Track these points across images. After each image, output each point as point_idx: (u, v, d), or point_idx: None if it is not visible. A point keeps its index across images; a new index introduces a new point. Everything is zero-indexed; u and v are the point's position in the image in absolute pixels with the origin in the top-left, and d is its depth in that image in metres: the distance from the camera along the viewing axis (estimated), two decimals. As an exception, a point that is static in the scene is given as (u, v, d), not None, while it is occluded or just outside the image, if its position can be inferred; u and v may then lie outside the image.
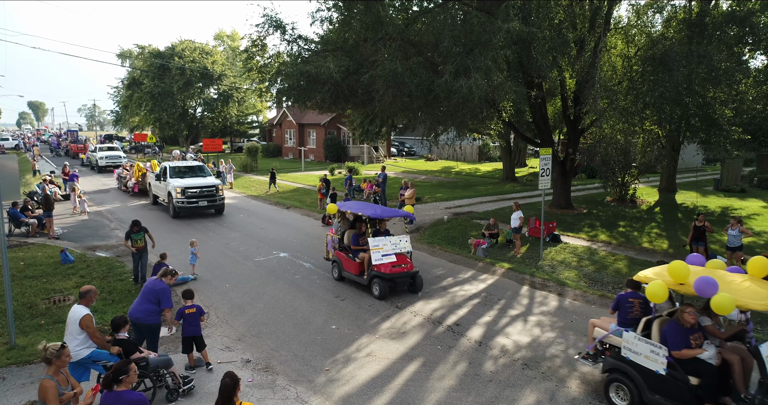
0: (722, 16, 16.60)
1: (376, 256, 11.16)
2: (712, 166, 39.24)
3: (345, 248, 12.58)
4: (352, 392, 7.43)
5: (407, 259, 11.58)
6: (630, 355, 6.87)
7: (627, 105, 16.60)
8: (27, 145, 59.96)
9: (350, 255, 12.15)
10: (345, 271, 12.20)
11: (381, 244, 11.35)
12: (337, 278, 12.49)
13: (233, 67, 53.46)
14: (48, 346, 5.57)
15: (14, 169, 9.44)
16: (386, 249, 11.34)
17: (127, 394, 5.12)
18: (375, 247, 11.25)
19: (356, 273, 11.83)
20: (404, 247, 11.65)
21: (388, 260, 11.19)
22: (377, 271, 11.14)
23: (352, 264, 11.94)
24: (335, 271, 12.56)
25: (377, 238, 11.49)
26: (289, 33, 16.86)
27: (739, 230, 12.33)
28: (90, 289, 7.15)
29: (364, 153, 42.95)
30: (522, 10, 14.71)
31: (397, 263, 11.26)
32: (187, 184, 20.11)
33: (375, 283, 11.25)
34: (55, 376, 5.51)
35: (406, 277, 11.30)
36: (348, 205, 12.88)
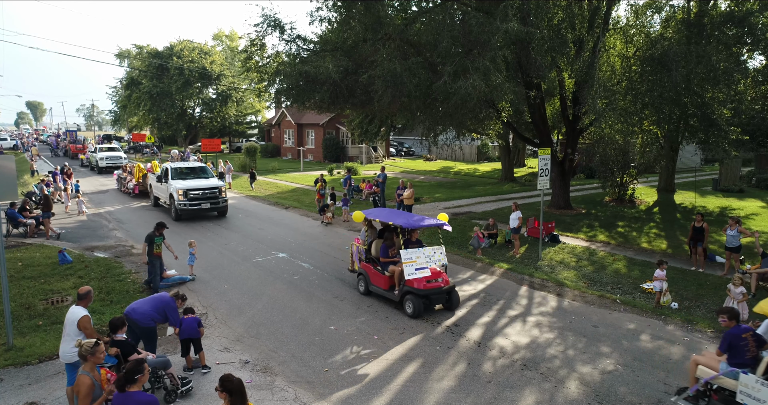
0: (721, 16, 16.61)
1: (409, 270, 10.16)
2: (711, 166, 39.28)
3: (372, 260, 11.51)
4: (351, 393, 7.41)
5: (443, 273, 10.53)
6: (748, 402, 6.11)
7: (626, 105, 16.61)
8: (25, 145, 59.85)
9: (378, 267, 11.17)
10: (373, 285, 11.19)
11: (414, 256, 10.33)
12: (363, 292, 11.47)
13: (232, 67, 53.44)
14: (83, 343, 5.79)
15: (11, 169, 9.41)
16: (420, 262, 10.34)
17: (138, 395, 5.13)
18: (408, 261, 10.24)
19: (385, 288, 10.82)
20: (439, 259, 10.65)
21: (422, 275, 10.19)
22: (410, 287, 10.12)
23: (381, 278, 10.95)
24: (361, 285, 11.53)
25: (410, 249, 10.45)
26: (288, 33, 16.84)
27: (737, 230, 12.33)
28: (89, 290, 7.17)
29: (362, 153, 42.93)
30: (520, 10, 14.72)
31: (432, 278, 10.23)
32: (189, 186, 19.68)
33: (408, 299, 10.18)
34: (91, 372, 5.69)
35: (442, 293, 10.25)
36: (375, 212, 11.86)
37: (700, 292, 11.52)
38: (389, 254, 11.20)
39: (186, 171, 21.36)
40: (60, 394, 7.33)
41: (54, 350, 8.55)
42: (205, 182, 20.32)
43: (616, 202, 22.60)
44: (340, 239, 16.93)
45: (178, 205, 19.42)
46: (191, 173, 21.32)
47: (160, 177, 21.18)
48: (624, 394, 7.33)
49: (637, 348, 8.83)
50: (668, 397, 7.25)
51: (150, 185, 23.81)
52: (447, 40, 13.53)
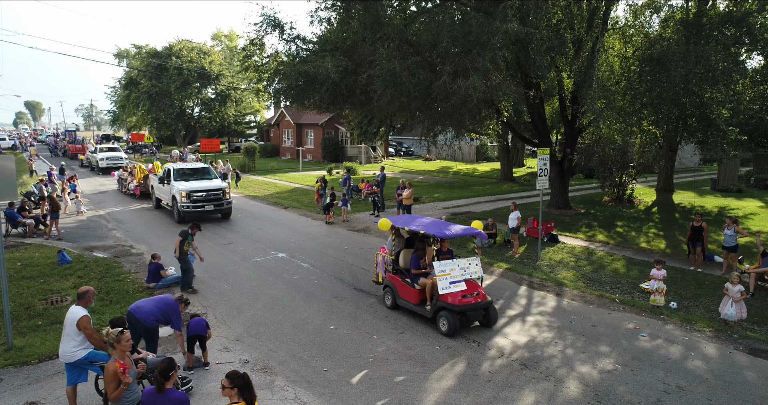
0: (719, 16, 16.63)
1: (443, 283, 9.32)
2: (710, 166, 39.35)
3: (401, 271, 10.70)
4: (350, 392, 7.42)
5: (479, 287, 9.75)
6: None
7: (624, 105, 16.63)
8: (24, 145, 59.76)
9: (407, 280, 10.32)
10: (401, 299, 10.38)
11: (448, 268, 9.51)
12: (390, 306, 10.65)
13: (231, 67, 53.44)
14: (109, 332, 5.93)
15: (11, 169, 9.41)
16: (454, 275, 9.51)
17: (174, 394, 5.20)
18: (441, 273, 9.39)
19: (415, 302, 10.03)
20: (474, 271, 9.86)
21: (458, 289, 9.37)
22: (444, 302, 9.32)
23: (411, 291, 10.14)
24: (388, 298, 10.73)
25: (443, 261, 9.65)
26: (288, 33, 16.85)
27: (734, 230, 12.37)
28: (88, 289, 7.12)
29: (362, 153, 42.95)
30: (520, 10, 14.73)
31: (468, 292, 9.41)
32: (192, 188, 19.21)
33: (442, 316, 9.36)
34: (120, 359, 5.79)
35: (479, 308, 9.45)
36: (403, 220, 11.06)
37: (698, 291, 11.54)
38: (420, 266, 10.26)
39: (189, 172, 20.95)
40: (60, 393, 7.33)
41: (54, 350, 8.55)
42: (208, 183, 19.93)
43: (615, 202, 22.64)
44: (339, 239, 16.94)
45: (181, 207, 19.01)
46: (194, 174, 20.92)
47: (163, 178, 20.77)
48: (623, 394, 7.35)
49: (636, 347, 8.85)
50: (667, 397, 7.28)
51: (152, 186, 23.42)
52: (446, 40, 13.55)
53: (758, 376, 7.87)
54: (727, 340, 9.15)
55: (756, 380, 7.73)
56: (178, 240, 11.63)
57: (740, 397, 7.25)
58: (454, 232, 9.78)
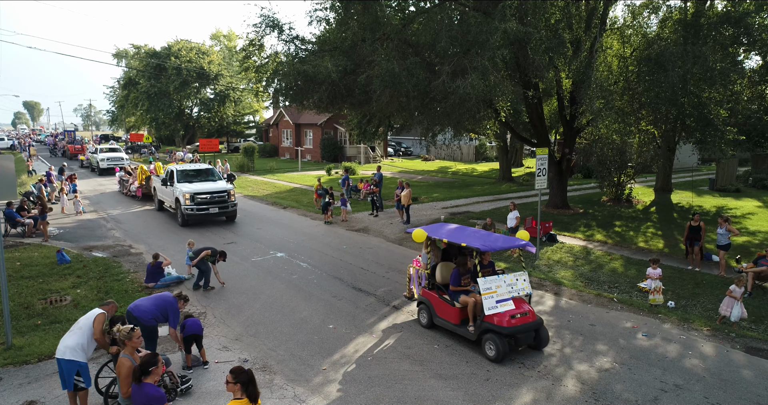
0: (717, 16, 16.69)
1: (489, 302, 8.39)
2: (708, 166, 39.43)
3: (438, 287, 9.69)
4: (349, 391, 7.45)
5: (527, 305, 8.84)
6: None
7: (623, 105, 16.69)
8: (22, 145, 59.67)
9: (446, 297, 9.37)
10: (438, 318, 9.44)
11: (494, 285, 8.54)
12: (426, 325, 9.73)
13: (230, 67, 53.45)
14: (120, 329, 6.14)
15: (11, 169, 9.43)
16: (501, 292, 8.54)
17: (148, 388, 5.34)
18: (487, 291, 8.45)
19: (456, 322, 9.09)
20: (522, 288, 8.87)
21: (505, 308, 8.45)
22: (491, 324, 8.38)
23: (450, 309, 9.19)
24: (423, 316, 9.81)
25: (489, 278, 8.65)
26: (287, 33, 16.89)
27: (726, 229, 12.42)
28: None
29: (361, 153, 42.98)
30: (518, 10, 14.77)
31: (517, 311, 8.49)
32: (196, 190, 18.51)
33: (489, 340, 8.40)
34: (131, 355, 6.00)
35: (530, 330, 8.49)
36: (440, 230, 9.92)
37: (696, 290, 11.58)
38: (461, 282, 9.27)
39: (192, 173, 20.31)
40: (59, 392, 7.36)
41: (53, 349, 8.55)
42: (212, 185, 19.23)
43: (613, 202, 22.68)
44: (338, 239, 16.96)
45: (185, 209, 18.31)
46: (198, 176, 20.26)
47: (165, 180, 20.26)
48: (620, 392, 7.38)
49: (634, 346, 8.89)
50: (664, 395, 7.31)
51: (154, 188, 22.88)
52: (445, 40, 13.58)
53: (755, 374, 7.91)
54: (725, 339, 9.19)
55: (753, 378, 7.77)
56: (207, 253, 11.72)
57: (737, 396, 7.28)
58: (500, 244, 8.84)
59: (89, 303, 10.68)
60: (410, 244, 16.26)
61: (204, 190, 18.63)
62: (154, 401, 5.32)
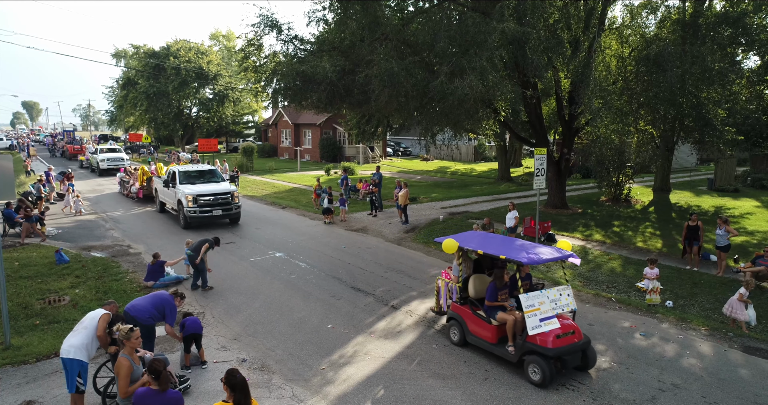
0: (716, 16, 16.73)
1: (533, 321, 7.60)
2: (706, 166, 39.46)
3: (471, 302, 8.97)
4: (347, 391, 7.46)
5: (572, 322, 8.08)
6: None
7: (621, 105, 16.70)
8: (21, 145, 59.60)
9: (480, 312, 8.64)
10: (472, 336, 8.70)
11: (537, 302, 7.77)
12: (458, 343, 8.95)
13: (229, 67, 53.42)
14: (119, 327, 6.19)
15: (9, 169, 9.43)
16: (544, 309, 7.75)
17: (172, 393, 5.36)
18: (530, 308, 7.65)
19: (493, 341, 8.35)
20: (567, 304, 8.09)
21: (550, 326, 7.65)
22: (534, 344, 7.61)
23: (486, 327, 8.45)
24: (454, 333, 9.04)
25: (532, 294, 7.84)
26: (285, 33, 16.87)
27: (725, 230, 12.44)
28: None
29: (359, 153, 42.98)
30: (517, 10, 14.77)
31: (563, 330, 7.73)
32: (199, 191, 18.06)
33: (533, 362, 7.61)
34: (130, 355, 6.04)
35: (577, 351, 7.72)
36: (474, 241, 9.09)
37: (694, 290, 11.60)
38: (498, 297, 8.47)
39: (195, 174, 19.85)
40: (58, 392, 7.36)
41: (52, 349, 8.58)
42: (216, 187, 18.77)
43: (611, 202, 22.70)
44: (337, 239, 16.97)
45: (188, 211, 17.82)
46: (200, 177, 19.79)
47: (167, 181, 19.78)
48: (618, 391, 7.39)
49: (632, 346, 8.90)
50: (662, 394, 7.32)
51: (155, 189, 22.43)
52: (444, 40, 13.59)
53: (752, 373, 7.93)
54: (722, 339, 9.20)
55: (750, 378, 7.79)
56: (206, 247, 11.77)
57: (735, 395, 7.30)
58: (545, 257, 8.02)
59: (88, 303, 10.68)
60: (409, 244, 16.28)
61: (207, 192, 18.21)
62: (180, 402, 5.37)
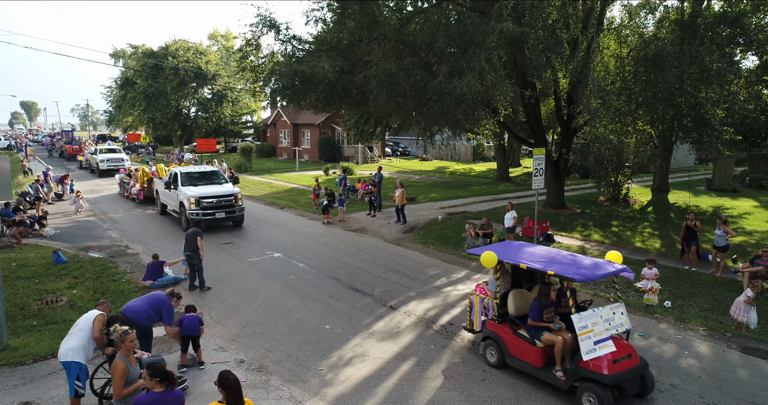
0: (714, 16, 16.73)
1: (587, 345, 6.82)
2: (705, 166, 39.49)
3: (512, 320, 8.12)
4: (345, 392, 7.44)
5: (628, 344, 7.34)
6: None
7: (620, 105, 16.69)
8: (19, 145, 59.49)
9: (521, 332, 7.87)
10: (513, 357, 7.88)
11: (590, 323, 6.98)
12: (495, 365, 8.17)
13: (227, 67, 53.38)
14: (116, 328, 6.13)
15: (5, 169, 9.41)
16: (598, 331, 6.97)
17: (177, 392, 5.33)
18: (583, 330, 6.88)
19: (537, 364, 7.53)
20: (621, 323, 7.30)
21: (605, 350, 6.88)
22: (588, 370, 6.87)
23: (530, 349, 7.62)
24: (491, 354, 8.24)
25: (585, 314, 7.03)
26: (283, 33, 16.86)
27: (724, 230, 12.44)
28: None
29: (358, 153, 42.96)
30: (515, 10, 14.77)
31: (620, 354, 7.01)
32: (201, 193, 17.61)
33: (587, 390, 6.87)
34: (126, 357, 5.99)
35: (636, 376, 7.00)
36: (515, 253, 8.33)
37: (693, 290, 11.60)
38: (543, 316, 7.64)
39: (197, 176, 19.37)
40: (55, 393, 7.34)
41: (49, 350, 8.55)
42: (218, 188, 18.31)
43: (610, 202, 22.70)
44: (335, 239, 16.95)
45: (190, 214, 17.30)
46: (203, 178, 19.30)
47: (169, 183, 19.33)
48: (617, 392, 7.37)
49: (630, 346, 8.88)
50: (660, 395, 7.31)
51: (156, 191, 22.04)
52: (442, 40, 13.57)
53: (751, 374, 7.93)
54: (721, 339, 9.20)
55: (748, 378, 7.78)
56: (200, 240, 11.83)
57: (733, 395, 7.30)
58: (599, 273, 7.21)
59: (85, 303, 10.65)
60: (408, 245, 16.27)
61: (210, 194, 17.78)
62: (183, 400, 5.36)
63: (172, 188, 19.08)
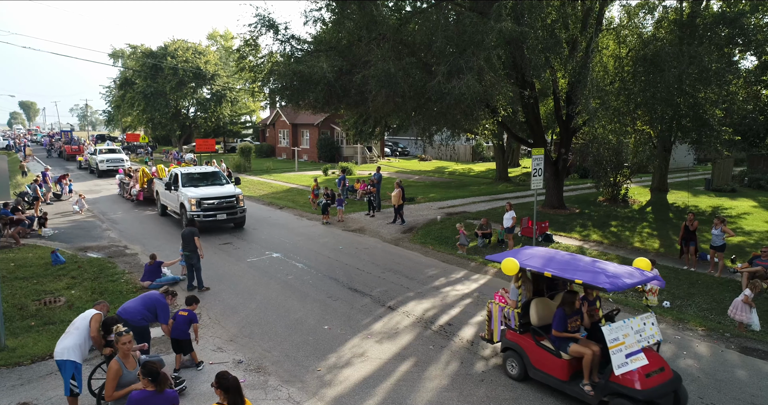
0: (713, 17, 16.76)
1: (619, 358, 6.50)
2: (704, 166, 39.52)
3: (535, 331, 7.71)
4: (344, 392, 7.43)
5: (659, 357, 6.99)
6: None
7: (619, 105, 16.71)
8: (18, 146, 59.40)
9: (544, 343, 7.49)
10: (536, 370, 7.52)
11: (621, 335, 6.65)
12: (516, 377, 7.81)
13: (226, 67, 53.34)
14: (117, 328, 6.11)
15: (3, 169, 9.39)
16: (629, 343, 6.65)
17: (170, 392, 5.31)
18: (615, 343, 6.55)
19: (563, 378, 7.18)
20: (652, 334, 6.96)
21: (638, 363, 6.58)
22: (620, 385, 6.55)
23: (554, 361, 7.28)
24: (513, 366, 7.88)
25: (615, 325, 6.69)
26: (282, 33, 16.83)
27: (721, 230, 12.45)
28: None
29: (357, 153, 42.95)
30: (514, 10, 14.77)
31: (652, 367, 6.68)
32: (203, 195, 17.39)
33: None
34: (122, 359, 5.95)
35: (670, 391, 6.65)
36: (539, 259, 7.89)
37: (691, 290, 11.60)
38: (567, 326, 7.27)
39: (198, 177, 19.09)
40: (52, 394, 7.32)
41: (47, 350, 8.52)
42: (220, 190, 18.07)
43: (609, 202, 22.71)
44: (334, 239, 16.94)
45: (191, 216, 16.89)
46: (204, 179, 19.06)
47: (169, 184, 19.00)
48: (615, 392, 7.36)
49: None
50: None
51: (156, 192, 21.82)
52: (441, 40, 13.57)
53: (749, 374, 7.93)
54: (719, 339, 9.20)
55: (747, 379, 7.78)
56: (198, 239, 11.84)
57: (731, 396, 7.29)
58: (630, 281, 6.81)
59: (83, 304, 10.63)
60: (406, 245, 16.26)
61: (211, 195, 17.55)
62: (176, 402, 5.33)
63: (172, 189, 18.87)
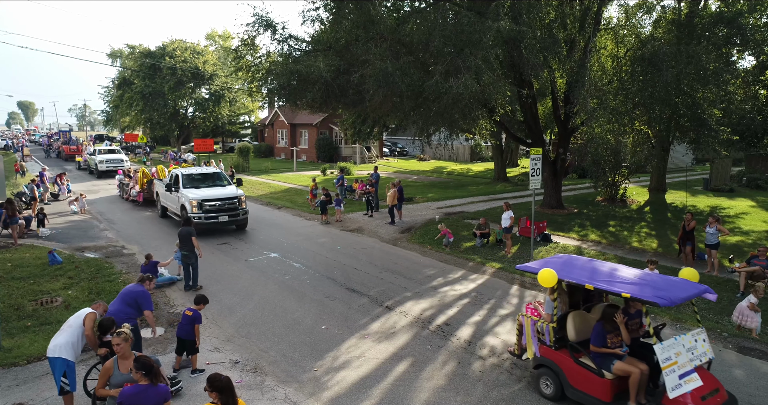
0: (711, 17, 16.76)
1: (672, 379, 5.97)
2: (702, 166, 39.55)
3: (573, 347, 7.11)
4: (341, 393, 7.41)
5: (713, 377, 6.50)
6: None
7: (617, 105, 16.70)
8: (16, 146, 59.27)
9: (584, 361, 6.87)
10: (574, 389, 6.89)
11: (673, 353, 6.12)
12: (552, 397, 7.15)
13: (225, 67, 53.28)
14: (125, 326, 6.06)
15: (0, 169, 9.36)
16: (681, 362, 6.12)
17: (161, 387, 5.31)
18: (667, 362, 6.02)
19: (606, 399, 6.56)
20: (704, 352, 6.45)
21: (692, 385, 6.04)
22: None
23: (596, 381, 6.66)
24: (547, 384, 7.23)
25: (667, 343, 6.16)
26: (280, 33, 16.79)
27: (716, 228, 12.45)
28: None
29: (356, 153, 42.93)
30: (512, 9, 14.76)
31: (707, 389, 6.18)
32: (204, 196, 17.10)
33: None
34: (119, 360, 5.88)
35: None
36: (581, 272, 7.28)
37: (689, 290, 11.58)
38: (608, 342, 6.70)
39: (199, 178, 18.77)
40: (48, 394, 7.29)
41: (43, 351, 8.47)
42: (221, 191, 17.77)
43: (607, 202, 22.72)
44: (332, 239, 16.92)
45: (192, 218, 16.46)
46: (205, 180, 18.74)
47: (170, 185, 18.68)
48: (613, 392, 7.35)
49: (627, 346, 8.87)
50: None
51: (156, 193, 21.52)
52: (439, 40, 13.55)
53: (747, 374, 7.92)
54: (717, 339, 9.19)
55: (745, 378, 7.77)
56: (195, 239, 11.83)
57: (729, 395, 7.27)
58: (683, 295, 6.26)
59: (80, 304, 10.58)
60: (404, 245, 16.24)
61: (212, 197, 17.23)
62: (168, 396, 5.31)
63: (173, 191, 18.57)
